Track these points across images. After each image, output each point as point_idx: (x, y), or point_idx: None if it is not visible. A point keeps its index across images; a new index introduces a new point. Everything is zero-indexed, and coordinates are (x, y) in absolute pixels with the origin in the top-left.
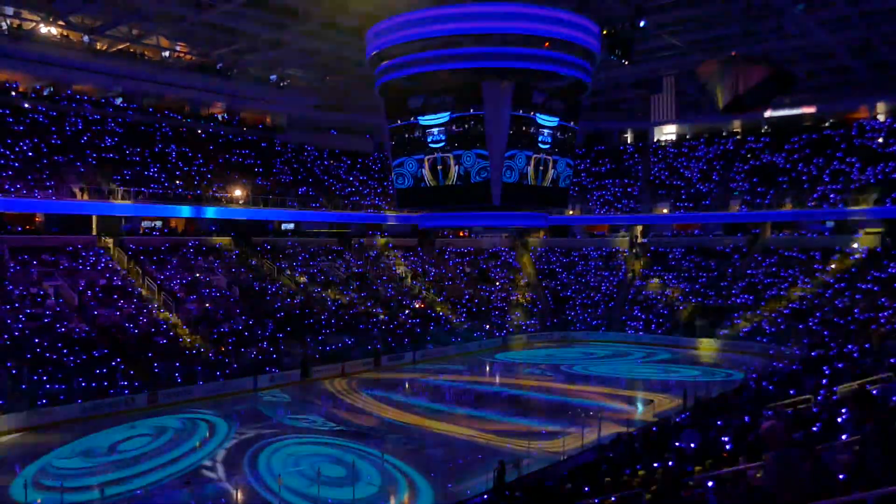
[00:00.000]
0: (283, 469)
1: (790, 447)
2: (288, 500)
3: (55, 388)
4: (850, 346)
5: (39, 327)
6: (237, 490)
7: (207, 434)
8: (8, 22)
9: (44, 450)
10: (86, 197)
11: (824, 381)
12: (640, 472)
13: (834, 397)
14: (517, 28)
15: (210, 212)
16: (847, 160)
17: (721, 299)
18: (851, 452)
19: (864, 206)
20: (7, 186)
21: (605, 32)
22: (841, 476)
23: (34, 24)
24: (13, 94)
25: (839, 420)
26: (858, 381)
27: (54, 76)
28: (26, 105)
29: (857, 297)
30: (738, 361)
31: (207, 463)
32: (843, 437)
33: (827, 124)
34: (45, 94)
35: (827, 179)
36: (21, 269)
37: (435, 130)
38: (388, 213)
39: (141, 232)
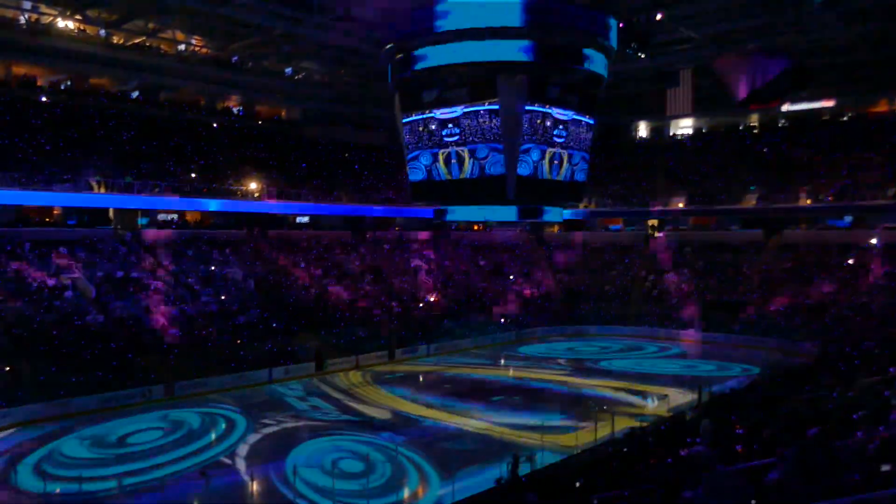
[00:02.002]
0: (298, 461)
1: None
2: (303, 492)
3: (72, 379)
4: (866, 343)
5: (57, 319)
6: (253, 482)
7: (224, 426)
8: (26, 16)
9: (61, 441)
10: (103, 190)
11: (841, 377)
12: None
13: (849, 393)
14: (532, 21)
15: (225, 205)
16: (866, 154)
17: (736, 294)
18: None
19: (882, 201)
20: (25, 180)
21: (621, 26)
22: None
23: (52, 18)
24: (32, 87)
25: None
26: (875, 378)
27: (72, 70)
28: (44, 99)
29: (874, 292)
30: (754, 357)
31: (224, 455)
32: (858, 433)
33: (846, 118)
34: (62, 87)
35: (845, 174)
36: (39, 262)
37: (449, 124)
38: (402, 207)
39: (157, 225)
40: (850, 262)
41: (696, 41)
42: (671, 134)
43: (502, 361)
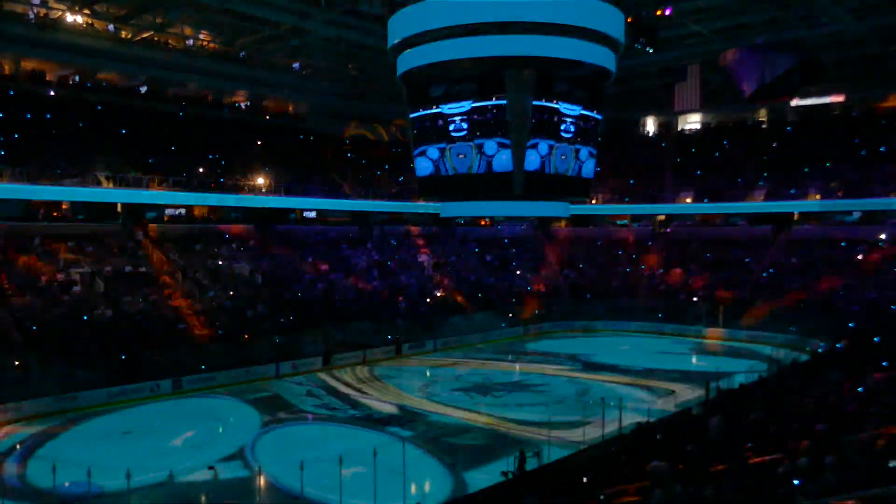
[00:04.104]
0: (305, 456)
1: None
2: (310, 486)
3: (81, 374)
4: (875, 339)
5: (66, 314)
6: (260, 476)
7: (231, 420)
8: (35, 11)
9: (70, 434)
10: (111, 185)
11: (850, 373)
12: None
13: (859, 389)
14: (540, 16)
15: (233, 200)
16: (876, 150)
17: (745, 290)
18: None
19: (892, 197)
20: (34, 174)
21: (629, 20)
22: None
23: (60, 13)
24: (40, 82)
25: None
26: (886, 373)
27: (80, 65)
28: (52, 93)
29: (883, 288)
30: (763, 353)
31: (231, 449)
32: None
33: (855, 113)
34: (71, 82)
35: (854, 169)
36: (48, 257)
37: (457, 119)
38: (409, 202)
39: (165, 219)
40: (860, 257)
41: (705, 36)
42: (679, 129)
43: (509, 357)
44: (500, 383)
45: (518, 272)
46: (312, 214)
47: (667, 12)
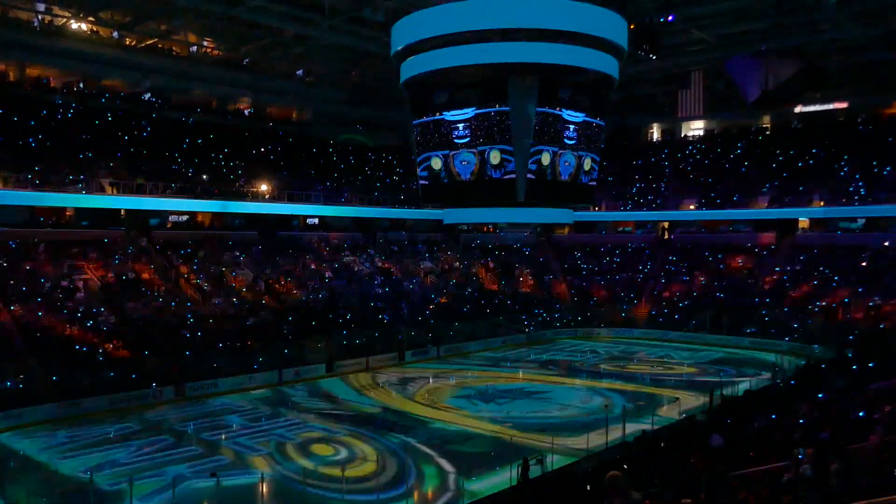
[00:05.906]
0: (308, 462)
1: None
2: (314, 492)
3: (83, 379)
4: (881, 346)
5: (69, 320)
6: (263, 482)
7: (234, 427)
8: (40, 18)
9: (71, 440)
10: (115, 191)
11: (854, 380)
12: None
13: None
14: (543, 23)
15: (236, 206)
16: (880, 156)
17: (749, 297)
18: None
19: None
20: (38, 181)
21: (632, 27)
22: None
23: (65, 20)
24: (45, 89)
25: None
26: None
27: (85, 71)
28: (57, 100)
29: (888, 295)
30: (767, 360)
31: (233, 455)
32: (873, 436)
33: (859, 120)
34: (75, 89)
35: (859, 176)
36: (52, 262)
37: (460, 126)
38: (412, 209)
39: (168, 226)
40: (864, 264)
41: (708, 43)
42: (682, 136)
43: (511, 364)
44: (503, 390)
45: (521, 278)
46: (315, 221)
47: (670, 19)
